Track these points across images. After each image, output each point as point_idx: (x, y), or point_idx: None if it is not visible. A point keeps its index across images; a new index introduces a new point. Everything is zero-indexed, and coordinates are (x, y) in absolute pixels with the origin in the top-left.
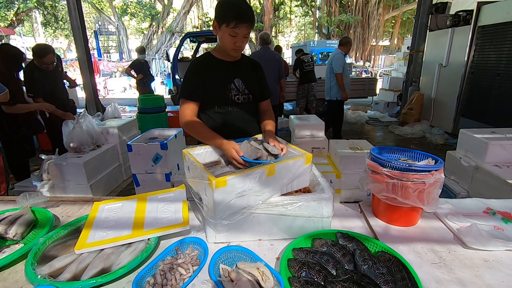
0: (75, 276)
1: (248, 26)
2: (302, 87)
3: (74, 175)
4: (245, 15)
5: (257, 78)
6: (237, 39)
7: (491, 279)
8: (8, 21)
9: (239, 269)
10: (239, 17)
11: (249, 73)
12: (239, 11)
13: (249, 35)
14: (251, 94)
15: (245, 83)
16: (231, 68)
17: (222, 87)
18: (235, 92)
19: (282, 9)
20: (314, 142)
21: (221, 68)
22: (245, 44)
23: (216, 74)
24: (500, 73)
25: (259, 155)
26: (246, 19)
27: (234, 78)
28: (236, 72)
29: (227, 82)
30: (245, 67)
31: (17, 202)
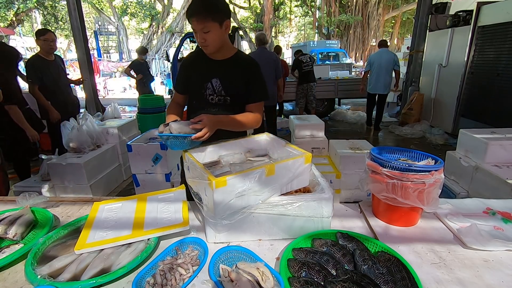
0: (75, 276)
1: (196, 20)
2: (301, 87)
3: (74, 175)
4: (192, 9)
5: (244, 79)
6: (197, 34)
7: (491, 279)
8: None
9: (239, 269)
10: (188, 11)
11: (233, 75)
12: (189, 6)
13: (212, 30)
14: (228, 96)
15: (223, 85)
16: (213, 66)
17: (199, 85)
18: (210, 92)
19: (282, 9)
20: (314, 142)
21: (203, 65)
22: (209, 40)
23: (197, 71)
24: (500, 73)
25: (179, 131)
26: (190, 12)
27: (212, 78)
28: (217, 72)
29: (204, 81)
30: (232, 67)
31: (17, 202)
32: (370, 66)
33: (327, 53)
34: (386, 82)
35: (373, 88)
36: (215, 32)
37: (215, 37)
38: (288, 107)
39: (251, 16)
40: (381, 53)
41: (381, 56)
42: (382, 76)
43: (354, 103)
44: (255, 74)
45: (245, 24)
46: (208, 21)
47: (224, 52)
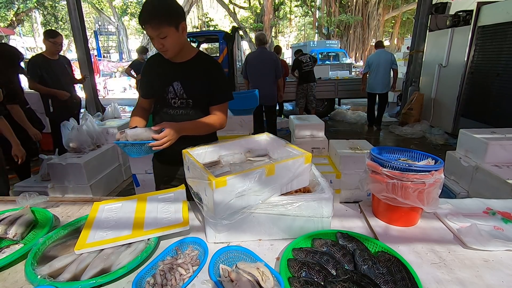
0: (75, 276)
1: (151, 27)
2: (301, 87)
3: (74, 175)
4: (143, 16)
5: (207, 82)
6: (154, 41)
7: (491, 279)
8: (8, 21)
9: (239, 269)
10: (140, 18)
11: (194, 76)
12: (140, 13)
13: (169, 35)
14: (191, 99)
15: (185, 87)
16: (174, 69)
17: (161, 89)
18: (172, 96)
19: (282, 9)
20: (314, 142)
21: (163, 69)
22: (168, 45)
23: (158, 75)
24: (500, 73)
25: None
26: (144, 20)
27: (174, 81)
28: (178, 75)
29: (166, 84)
30: (193, 68)
31: (17, 202)
32: (369, 67)
33: (327, 53)
34: (385, 81)
35: (372, 88)
36: (172, 37)
37: (173, 41)
38: (288, 107)
39: (251, 16)
40: (379, 54)
41: (379, 57)
42: (380, 76)
43: (354, 103)
44: (217, 75)
45: (245, 24)
46: (163, 27)
47: (184, 54)
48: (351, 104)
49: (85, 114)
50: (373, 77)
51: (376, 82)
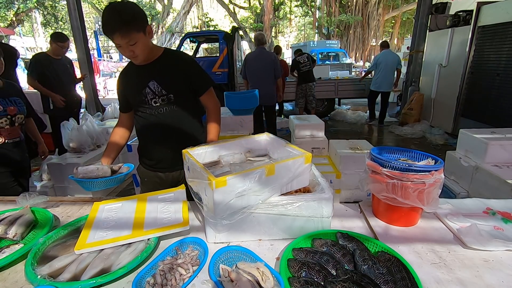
0: (75, 276)
1: (120, 35)
2: (300, 87)
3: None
4: (109, 26)
5: (183, 74)
6: (123, 49)
7: (491, 279)
8: (8, 21)
9: (239, 269)
10: (105, 29)
11: (168, 71)
12: (104, 22)
13: (138, 41)
14: (171, 93)
15: (162, 84)
16: (146, 71)
17: (138, 94)
18: (151, 96)
19: (282, 9)
20: (314, 142)
21: (135, 74)
22: (138, 50)
23: (131, 82)
24: (500, 73)
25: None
26: (111, 30)
27: (149, 82)
28: (151, 75)
29: (141, 87)
30: (164, 65)
31: (17, 202)
32: (376, 66)
33: (327, 53)
34: (391, 80)
35: (379, 86)
36: (141, 42)
37: (143, 46)
38: (288, 107)
39: (251, 16)
40: (386, 54)
41: (387, 57)
42: (388, 75)
43: (354, 103)
44: (190, 65)
45: (245, 24)
46: (132, 33)
47: (152, 55)
48: (351, 104)
49: (85, 114)
50: (381, 76)
51: (383, 81)
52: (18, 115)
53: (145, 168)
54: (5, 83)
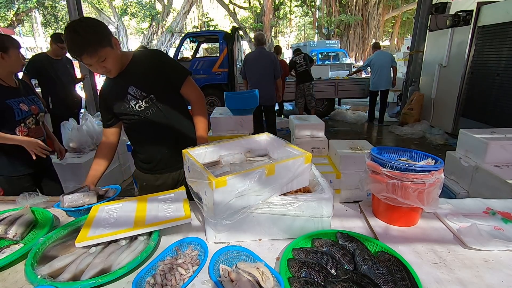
0: (75, 276)
1: (87, 57)
2: (298, 88)
3: (74, 175)
4: (75, 49)
5: (157, 71)
6: (94, 67)
7: (491, 279)
8: (8, 21)
9: (239, 269)
10: (72, 52)
11: (142, 73)
12: (69, 46)
13: (107, 56)
14: (152, 93)
15: (139, 87)
16: (121, 80)
17: (121, 103)
18: (134, 102)
19: (282, 9)
20: (314, 142)
21: (113, 85)
22: (109, 65)
23: (112, 94)
24: (500, 73)
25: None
26: (78, 52)
27: (128, 88)
28: (127, 81)
29: (122, 96)
30: (137, 68)
31: (17, 202)
32: (371, 67)
33: (327, 53)
34: (388, 79)
35: (376, 86)
36: (111, 56)
37: (113, 60)
38: (288, 107)
39: (251, 16)
40: (379, 54)
41: (380, 58)
42: (384, 75)
43: (354, 103)
44: (161, 61)
45: (245, 24)
46: (100, 51)
47: (123, 63)
48: (351, 104)
49: (85, 114)
50: (378, 77)
51: (380, 81)
52: (40, 114)
53: (143, 172)
54: (21, 82)
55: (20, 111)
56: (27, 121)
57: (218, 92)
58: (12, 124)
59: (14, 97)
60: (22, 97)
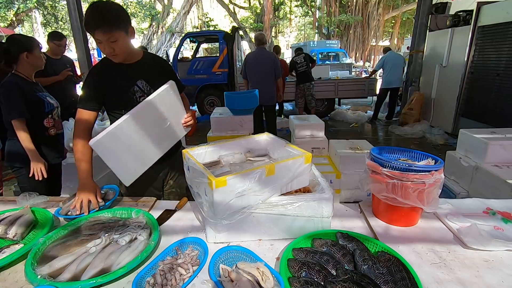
0: (75, 276)
1: (102, 31)
2: (298, 88)
3: (74, 175)
4: (92, 21)
5: (164, 75)
6: (103, 45)
7: (491, 279)
8: (8, 21)
9: (239, 269)
10: (87, 25)
11: (152, 72)
12: (87, 19)
13: (118, 39)
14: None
15: (149, 83)
16: (132, 70)
17: (125, 92)
18: (139, 94)
19: (282, 9)
20: (314, 142)
21: (120, 72)
22: (118, 48)
23: (116, 79)
24: (500, 73)
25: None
26: (93, 25)
27: (137, 80)
28: (138, 74)
29: (129, 85)
30: (148, 66)
31: (17, 202)
32: (382, 66)
33: (327, 53)
34: (400, 77)
35: (389, 83)
36: (122, 41)
37: (123, 45)
38: (288, 107)
39: (251, 16)
40: (392, 54)
41: (393, 57)
42: (397, 73)
43: (354, 103)
44: (169, 68)
45: (245, 24)
46: (114, 31)
47: (134, 56)
48: (351, 104)
49: None
50: (391, 75)
51: (393, 78)
52: (59, 108)
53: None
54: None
55: (49, 104)
56: (53, 113)
57: (218, 92)
58: (42, 115)
59: (41, 91)
60: (45, 93)
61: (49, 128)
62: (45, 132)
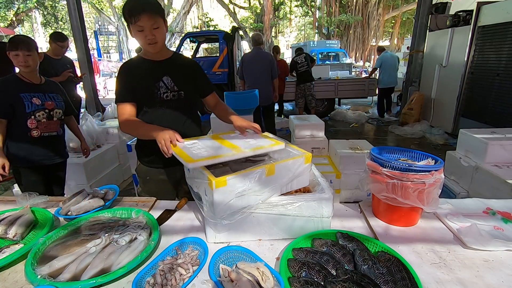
0: (75, 276)
1: (148, 16)
2: (299, 88)
3: (74, 175)
4: (138, 5)
5: (192, 75)
6: (146, 32)
7: (491, 279)
8: (8, 21)
9: (239, 269)
10: (133, 9)
11: (180, 71)
12: (133, 4)
13: (160, 26)
14: (182, 91)
15: (175, 81)
16: (160, 66)
17: (150, 86)
18: (163, 90)
19: (282, 9)
20: (314, 142)
21: (148, 67)
22: (159, 36)
23: (144, 74)
24: (500, 73)
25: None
26: (139, 9)
27: (163, 76)
28: (165, 70)
29: (155, 80)
30: (176, 65)
31: (17, 202)
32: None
33: (327, 53)
34: (395, 76)
35: (388, 83)
36: (162, 29)
37: (163, 34)
38: (288, 107)
39: (251, 16)
40: (389, 55)
41: (388, 57)
42: (393, 73)
43: (354, 103)
44: (200, 71)
45: (245, 24)
46: (157, 17)
47: (164, 53)
48: (351, 104)
49: (85, 114)
50: (389, 75)
51: (391, 78)
52: (56, 110)
53: (146, 166)
54: (46, 81)
55: (31, 104)
56: (36, 114)
57: (218, 92)
58: (23, 115)
59: (30, 92)
60: (40, 93)
61: (32, 129)
62: (28, 133)
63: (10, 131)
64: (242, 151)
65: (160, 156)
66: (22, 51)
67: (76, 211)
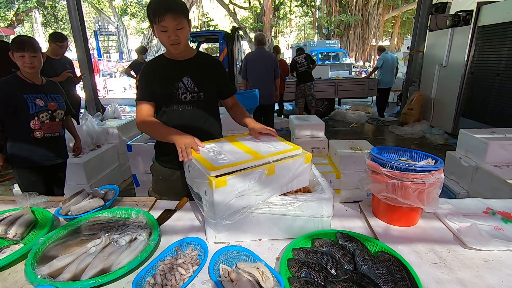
0: (75, 276)
1: (172, 16)
2: (299, 88)
3: (74, 175)
4: (163, 5)
5: (214, 76)
6: (169, 33)
7: (491, 279)
8: (8, 21)
9: (239, 269)
10: (158, 9)
11: (202, 71)
12: (157, 4)
13: (184, 26)
14: (202, 92)
15: (195, 81)
16: (180, 66)
17: (169, 86)
18: (182, 91)
19: (282, 9)
20: (314, 142)
21: (169, 67)
22: (182, 37)
23: (164, 73)
24: (500, 73)
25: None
26: (164, 9)
27: (183, 77)
28: (186, 71)
29: (175, 80)
30: (198, 65)
31: (17, 202)
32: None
33: (327, 53)
34: (393, 76)
35: (386, 83)
36: (186, 29)
37: (187, 34)
38: (288, 107)
39: (251, 16)
40: (389, 55)
41: (390, 58)
42: (393, 73)
43: (354, 103)
44: (221, 70)
45: (245, 24)
46: (181, 17)
47: (187, 52)
48: (351, 104)
49: (85, 114)
50: (389, 75)
51: (390, 79)
52: (58, 111)
53: (161, 165)
54: (47, 81)
55: (35, 105)
56: (40, 115)
57: None
58: (26, 116)
59: (33, 93)
60: (43, 94)
61: (35, 130)
62: (30, 134)
63: (11, 131)
64: (261, 157)
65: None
66: (28, 53)
67: (76, 211)
